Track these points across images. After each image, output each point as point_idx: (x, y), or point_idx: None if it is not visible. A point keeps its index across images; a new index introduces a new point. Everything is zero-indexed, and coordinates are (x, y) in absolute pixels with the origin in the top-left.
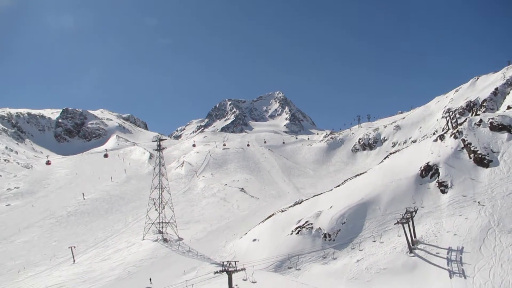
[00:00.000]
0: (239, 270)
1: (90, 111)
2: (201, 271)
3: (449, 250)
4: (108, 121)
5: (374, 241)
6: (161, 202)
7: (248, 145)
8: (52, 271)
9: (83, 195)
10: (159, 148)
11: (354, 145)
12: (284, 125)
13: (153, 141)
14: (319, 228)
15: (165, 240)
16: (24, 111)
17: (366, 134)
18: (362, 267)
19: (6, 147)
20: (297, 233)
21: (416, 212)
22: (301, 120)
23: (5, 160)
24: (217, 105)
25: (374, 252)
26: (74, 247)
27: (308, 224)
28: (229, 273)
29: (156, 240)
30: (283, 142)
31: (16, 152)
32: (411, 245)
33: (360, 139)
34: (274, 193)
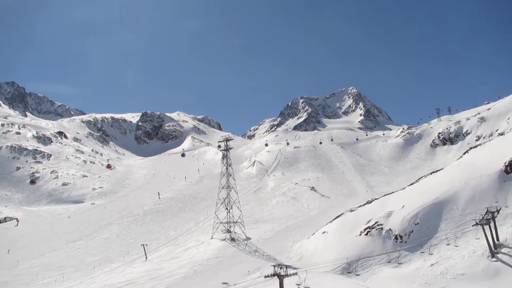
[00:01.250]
0: (290, 275)
1: (167, 114)
2: (265, 272)
3: None
4: (184, 123)
5: (448, 244)
6: (229, 202)
7: (320, 143)
8: (125, 268)
9: (159, 194)
10: (226, 148)
11: (433, 140)
12: (359, 121)
13: (219, 141)
14: (390, 229)
15: (232, 239)
16: (108, 115)
17: (447, 128)
18: (437, 271)
19: (92, 150)
20: (366, 234)
21: (498, 212)
22: (377, 115)
23: (91, 162)
24: (289, 104)
25: (450, 255)
26: (146, 245)
27: (378, 225)
28: (280, 278)
29: (224, 239)
30: (357, 139)
31: (101, 154)
32: (493, 249)
33: (439, 133)
34: (345, 192)
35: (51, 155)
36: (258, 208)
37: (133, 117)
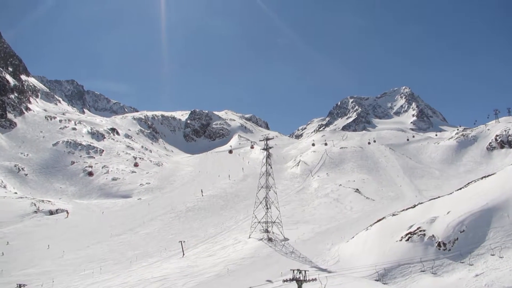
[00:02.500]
0: (309, 281)
1: (215, 112)
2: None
3: None
4: (231, 121)
5: (493, 255)
6: (267, 202)
7: (369, 143)
8: (162, 263)
9: (202, 192)
10: (266, 148)
11: (490, 143)
12: (411, 122)
13: (260, 140)
14: (433, 236)
15: (270, 239)
16: (158, 113)
17: (505, 130)
18: (481, 283)
19: (142, 146)
20: (407, 239)
21: None
22: (430, 116)
23: (140, 158)
24: (339, 103)
25: (497, 266)
26: (184, 241)
27: (420, 231)
28: (299, 283)
29: (261, 239)
30: (407, 140)
31: (150, 151)
32: None
33: (497, 135)
34: (392, 195)
35: (103, 150)
36: (299, 208)
37: (182, 115)
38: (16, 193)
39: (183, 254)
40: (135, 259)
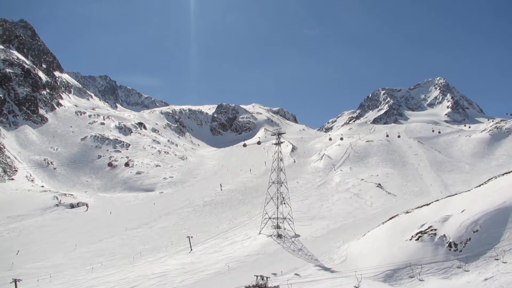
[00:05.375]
0: None
1: (242, 106)
2: (300, 273)
3: None
4: (257, 115)
5: (497, 259)
6: (278, 197)
7: (399, 136)
8: (167, 259)
9: (221, 186)
10: (278, 142)
11: None
12: (445, 114)
13: (272, 134)
14: (444, 235)
15: (279, 236)
16: (186, 107)
17: None
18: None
19: (168, 140)
20: (417, 239)
21: None
22: (466, 108)
23: (165, 152)
24: (370, 95)
25: (509, 270)
26: (192, 237)
27: (431, 230)
28: None
29: (270, 236)
30: (439, 132)
31: (176, 145)
32: None
33: None
34: (416, 190)
35: (129, 144)
36: (317, 203)
37: (209, 109)
38: (42, 186)
39: (191, 250)
40: (143, 254)
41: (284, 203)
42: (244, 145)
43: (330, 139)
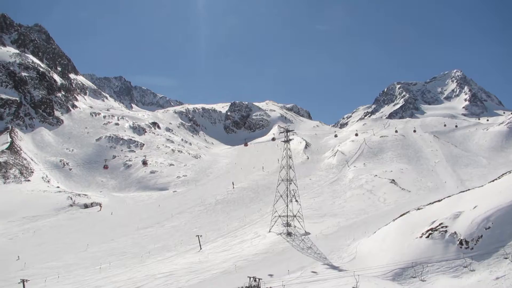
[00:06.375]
0: None
1: (255, 103)
2: (306, 273)
3: None
4: (271, 112)
5: (506, 258)
6: (288, 195)
7: (414, 131)
8: (176, 258)
9: (233, 184)
10: (287, 140)
11: None
12: (463, 107)
13: (280, 132)
14: (455, 233)
15: (289, 234)
16: (199, 106)
17: None
18: (502, 287)
19: (182, 139)
20: (427, 236)
21: None
22: (484, 100)
23: (179, 151)
24: (385, 90)
25: None
26: (201, 236)
27: (442, 227)
28: None
29: (280, 234)
30: (456, 126)
31: (190, 144)
32: None
33: None
34: (430, 186)
35: (143, 144)
36: (329, 201)
37: (223, 107)
38: (58, 187)
39: (200, 248)
40: (153, 253)
41: (296, 201)
42: (245, 144)
43: (336, 136)
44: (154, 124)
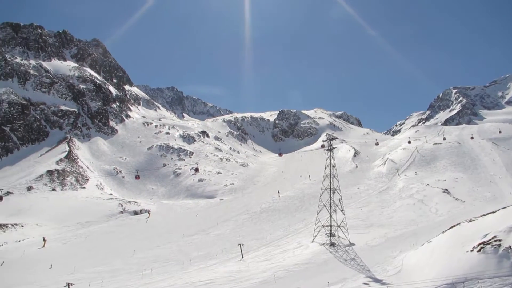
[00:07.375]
0: None
1: (304, 111)
2: (347, 285)
3: None
4: (319, 119)
5: None
6: (332, 204)
7: (472, 138)
8: (218, 266)
9: (279, 193)
10: (330, 148)
11: None
12: None
13: (323, 141)
14: (510, 247)
15: (332, 244)
16: (247, 115)
17: None
18: None
19: (230, 148)
20: (479, 250)
21: None
22: None
23: (227, 160)
24: (440, 95)
25: None
26: (243, 245)
27: (495, 240)
28: None
29: (323, 244)
30: None
31: (238, 152)
32: None
33: None
34: (488, 196)
35: (193, 153)
36: (377, 210)
37: (271, 116)
38: (111, 194)
39: (242, 257)
40: (196, 260)
41: (341, 210)
42: (280, 155)
43: (377, 143)
44: (203, 133)
